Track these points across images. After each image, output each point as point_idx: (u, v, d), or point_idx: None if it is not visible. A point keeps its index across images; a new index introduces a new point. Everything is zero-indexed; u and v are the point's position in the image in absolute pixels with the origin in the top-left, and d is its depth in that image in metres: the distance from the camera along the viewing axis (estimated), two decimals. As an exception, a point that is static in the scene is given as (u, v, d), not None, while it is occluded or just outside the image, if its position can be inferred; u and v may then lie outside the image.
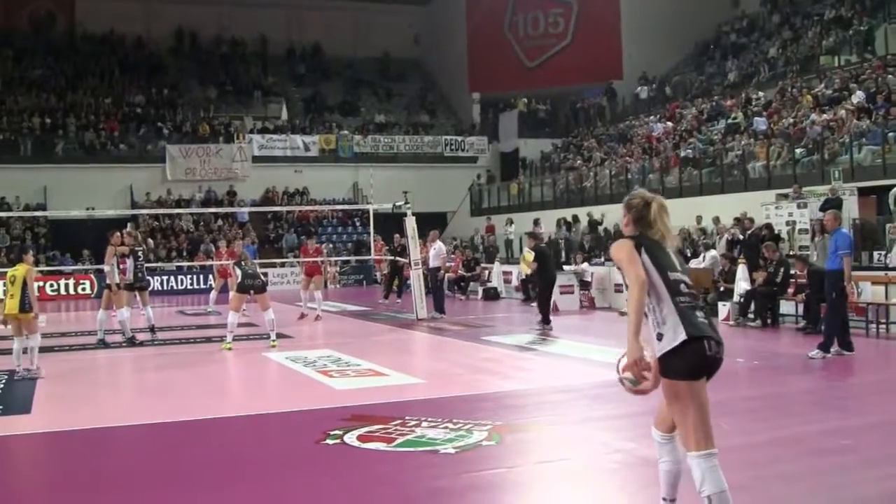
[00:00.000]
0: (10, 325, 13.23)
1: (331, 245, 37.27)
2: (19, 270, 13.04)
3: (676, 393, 4.96)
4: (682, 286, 5.03)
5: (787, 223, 22.40)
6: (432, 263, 21.86)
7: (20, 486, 7.71)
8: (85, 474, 7.72)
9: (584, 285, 23.54)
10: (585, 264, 24.56)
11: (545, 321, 18.04)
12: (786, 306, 17.82)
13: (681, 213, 25.97)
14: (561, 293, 22.16)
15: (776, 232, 21.38)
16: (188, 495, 7.03)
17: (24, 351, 13.12)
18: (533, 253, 19.29)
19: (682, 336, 4.87)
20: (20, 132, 39.60)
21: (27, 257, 13.57)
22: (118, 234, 17.60)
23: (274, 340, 15.98)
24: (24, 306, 12.85)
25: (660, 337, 4.97)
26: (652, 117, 37.95)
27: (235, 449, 8.59)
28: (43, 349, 16.11)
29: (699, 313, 4.98)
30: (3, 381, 12.49)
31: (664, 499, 5.39)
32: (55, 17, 46.96)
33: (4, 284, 13.62)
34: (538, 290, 19.11)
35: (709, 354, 4.92)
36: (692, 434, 4.94)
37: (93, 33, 46.68)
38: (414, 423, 8.96)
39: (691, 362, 4.91)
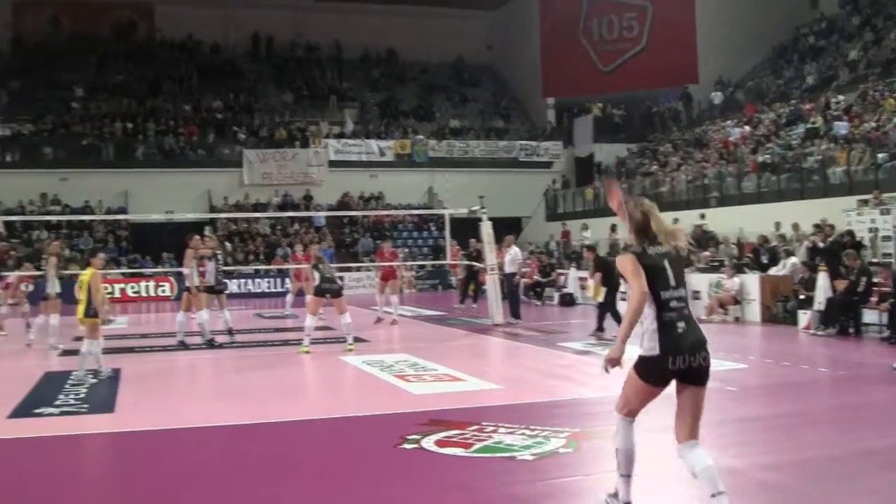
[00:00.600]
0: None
1: (406, 249, 37.39)
2: (86, 275, 13.18)
3: (631, 380, 5.89)
4: (672, 302, 5.75)
5: (870, 230, 21.99)
6: (508, 269, 21.79)
7: (100, 484, 7.86)
8: (163, 473, 7.83)
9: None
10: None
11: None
12: (869, 315, 17.44)
13: (759, 220, 25.77)
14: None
15: (858, 239, 21.00)
16: (264, 496, 7.10)
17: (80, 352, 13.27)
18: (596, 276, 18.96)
19: (656, 351, 5.70)
20: (102, 137, 40.43)
21: (95, 261, 13.59)
22: (197, 237, 17.87)
23: (351, 344, 16.09)
24: (88, 311, 12.98)
25: (642, 340, 5.81)
26: (729, 122, 37.49)
27: (313, 452, 8.67)
28: (124, 350, 16.54)
29: (680, 324, 5.72)
30: (90, 381, 12.73)
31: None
32: (136, 24, 47.86)
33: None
34: (605, 299, 18.84)
35: (671, 368, 5.66)
36: (623, 403, 5.98)
37: (171, 39, 47.48)
38: (491, 428, 8.95)
39: (650, 370, 5.75)
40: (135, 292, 33.52)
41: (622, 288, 17.36)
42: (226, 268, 20.87)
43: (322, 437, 9.38)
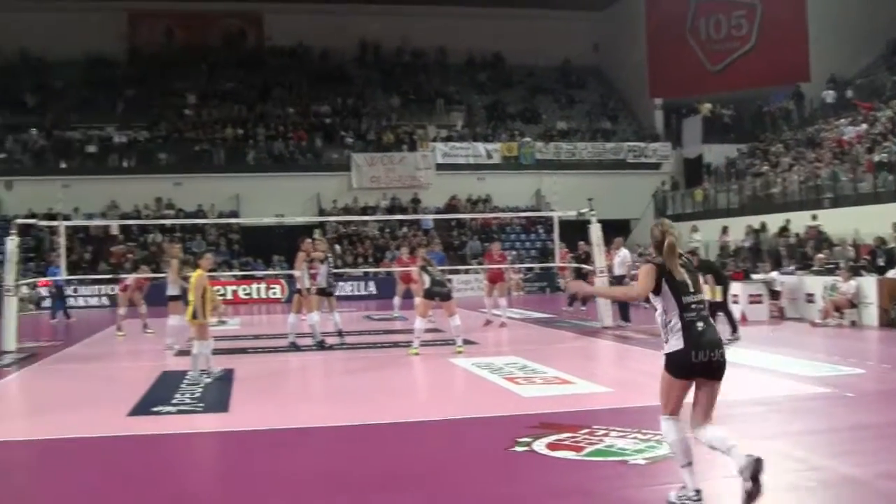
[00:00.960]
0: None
1: (514, 252, 37.37)
2: (193, 277, 13.46)
3: (664, 380, 6.65)
4: (693, 305, 6.52)
5: None
6: (617, 271, 21.58)
7: (215, 481, 8.07)
8: (276, 472, 7.94)
9: (774, 295, 22.66)
10: (775, 273, 23.75)
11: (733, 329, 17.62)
12: None
13: (876, 221, 25.07)
14: (749, 303, 21.55)
15: (981, 240, 20.36)
16: (374, 498, 7.20)
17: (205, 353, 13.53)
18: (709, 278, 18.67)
19: (679, 346, 6.44)
20: (214, 143, 41.40)
21: (202, 262, 13.79)
22: (308, 240, 18.14)
23: (460, 347, 16.13)
24: (195, 313, 13.21)
25: (666, 340, 6.56)
26: (843, 120, 36.57)
27: (424, 454, 8.74)
28: (237, 350, 16.87)
29: (700, 323, 6.47)
30: (205, 381, 13.04)
31: None
32: (245, 32, 48.91)
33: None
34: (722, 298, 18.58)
35: (694, 362, 6.41)
36: (664, 403, 6.70)
37: (281, 47, 48.32)
38: (602, 432, 8.92)
39: (677, 365, 6.50)
40: (246, 294, 34.20)
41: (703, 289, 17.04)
42: (335, 270, 21.16)
43: (433, 439, 9.44)
